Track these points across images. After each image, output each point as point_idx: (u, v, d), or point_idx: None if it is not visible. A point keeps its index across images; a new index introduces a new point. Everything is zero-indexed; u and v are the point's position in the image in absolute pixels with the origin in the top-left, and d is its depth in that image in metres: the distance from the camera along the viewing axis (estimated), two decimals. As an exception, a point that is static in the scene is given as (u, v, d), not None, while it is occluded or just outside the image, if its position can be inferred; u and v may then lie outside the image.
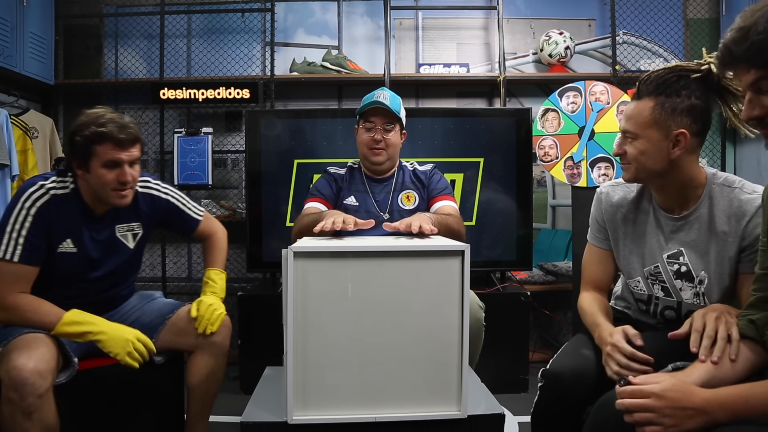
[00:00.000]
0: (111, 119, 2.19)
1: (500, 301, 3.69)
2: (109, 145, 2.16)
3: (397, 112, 2.70)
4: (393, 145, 2.73)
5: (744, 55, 1.36)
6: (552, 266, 4.37)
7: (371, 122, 2.71)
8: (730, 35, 1.38)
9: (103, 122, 2.17)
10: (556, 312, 4.37)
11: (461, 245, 1.84)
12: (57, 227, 2.21)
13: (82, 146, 2.17)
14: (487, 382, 2.19)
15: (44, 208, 2.18)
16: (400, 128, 2.77)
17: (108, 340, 2.13)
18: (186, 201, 2.57)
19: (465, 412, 1.85)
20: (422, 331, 1.83)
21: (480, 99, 4.71)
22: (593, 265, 2.15)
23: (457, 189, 3.92)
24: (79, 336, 2.13)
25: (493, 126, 3.98)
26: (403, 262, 1.82)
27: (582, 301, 2.10)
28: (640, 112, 1.85)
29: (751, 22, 1.34)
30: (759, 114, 1.41)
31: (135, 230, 2.43)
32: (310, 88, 4.62)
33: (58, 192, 2.22)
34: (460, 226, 2.54)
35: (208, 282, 2.52)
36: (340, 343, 1.82)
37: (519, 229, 3.93)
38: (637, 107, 1.86)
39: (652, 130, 1.83)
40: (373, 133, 2.71)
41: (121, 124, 2.19)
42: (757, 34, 1.32)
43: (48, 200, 2.19)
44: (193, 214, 2.58)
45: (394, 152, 2.76)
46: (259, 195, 3.96)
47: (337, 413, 1.83)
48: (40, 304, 2.14)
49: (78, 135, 2.17)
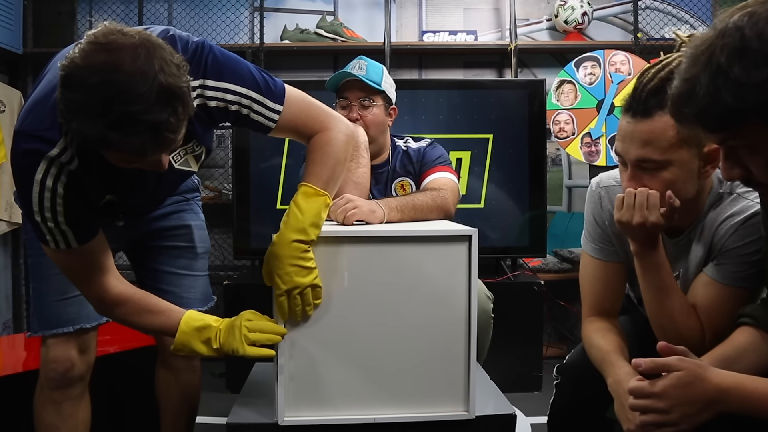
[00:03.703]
0: (142, 116, 1.43)
1: (511, 290, 3.69)
2: (126, 155, 1.54)
3: (377, 84, 2.58)
4: (374, 123, 2.59)
5: (697, 119, 1.25)
6: (568, 253, 4.37)
7: (345, 98, 2.60)
8: (677, 87, 1.26)
9: (124, 121, 1.43)
10: (572, 303, 4.37)
11: (468, 229, 1.82)
12: (92, 191, 1.79)
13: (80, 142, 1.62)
14: (496, 380, 2.19)
15: (71, 186, 1.71)
16: (384, 102, 2.63)
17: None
18: (259, 101, 1.80)
19: (472, 412, 1.84)
20: (425, 324, 1.82)
21: (489, 70, 4.70)
22: (596, 285, 1.91)
23: (464, 168, 3.91)
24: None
25: (503, 99, 3.97)
26: (404, 248, 1.81)
27: (587, 333, 1.86)
28: (663, 132, 1.57)
29: (695, 72, 1.21)
30: (740, 175, 1.31)
31: (195, 151, 1.94)
32: (303, 58, 4.61)
33: (71, 167, 1.69)
34: (444, 202, 2.32)
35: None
36: (335, 336, 1.80)
37: (532, 212, 3.93)
38: (653, 127, 1.58)
39: (682, 151, 1.59)
40: (348, 111, 2.56)
41: (157, 124, 1.45)
42: (703, 96, 1.20)
43: (69, 174, 1.70)
44: (265, 120, 1.83)
45: (377, 132, 2.61)
46: (246, 175, 3.95)
47: (332, 414, 1.82)
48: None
49: (71, 124, 1.47)
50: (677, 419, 1.39)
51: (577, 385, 1.84)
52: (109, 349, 2.72)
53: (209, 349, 1.81)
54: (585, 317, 1.91)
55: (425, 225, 2.01)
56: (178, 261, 2.29)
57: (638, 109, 1.59)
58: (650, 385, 1.42)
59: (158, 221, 2.25)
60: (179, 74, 1.48)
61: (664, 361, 1.43)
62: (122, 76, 1.40)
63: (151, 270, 2.28)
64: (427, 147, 2.69)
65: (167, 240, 2.28)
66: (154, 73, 1.43)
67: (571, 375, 1.85)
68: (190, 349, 1.82)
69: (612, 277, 1.88)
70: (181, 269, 2.29)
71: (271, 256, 1.75)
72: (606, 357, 1.72)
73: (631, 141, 1.61)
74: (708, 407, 1.39)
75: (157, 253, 2.27)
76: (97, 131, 1.43)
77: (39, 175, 1.66)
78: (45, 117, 1.63)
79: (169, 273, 2.28)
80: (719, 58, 1.17)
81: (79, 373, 2.10)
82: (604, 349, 1.74)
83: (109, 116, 1.41)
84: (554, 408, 1.91)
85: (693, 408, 1.39)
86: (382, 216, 2.06)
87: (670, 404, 1.39)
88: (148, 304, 1.89)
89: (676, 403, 1.39)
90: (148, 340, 2.58)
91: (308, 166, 1.85)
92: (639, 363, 1.43)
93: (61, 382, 2.07)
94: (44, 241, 1.76)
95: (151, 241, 2.26)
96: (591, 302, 1.91)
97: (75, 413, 2.12)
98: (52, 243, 1.75)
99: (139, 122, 1.42)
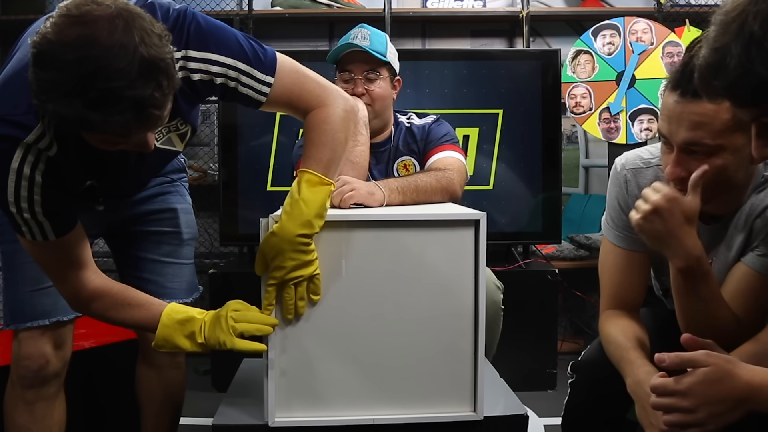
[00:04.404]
0: (124, 92, 1.40)
1: (522, 280, 3.69)
2: (109, 136, 1.53)
3: (382, 55, 2.57)
4: (381, 98, 2.59)
5: (727, 93, 1.24)
6: (584, 238, 4.37)
7: (348, 72, 2.59)
8: (705, 57, 1.25)
9: (105, 99, 1.41)
10: (589, 293, 4.37)
11: (475, 213, 1.81)
12: (70, 179, 1.79)
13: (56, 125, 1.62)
14: (506, 378, 2.19)
15: (50, 173, 1.72)
16: (389, 74, 2.64)
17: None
18: (248, 72, 1.78)
19: (480, 413, 1.84)
20: (429, 317, 1.82)
21: (499, 39, 4.70)
22: (617, 276, 1.89)
23: (471, 146, 3.90)
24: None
25: (514, 71, 3.96)
26: (405, 233, 1.80)
27: (604, 327, 1.86)
28: (716, 115, 1.53)
29: (726, 41, 1.20)
30: None
31: (180, 129, 1.93)
32: (296, 26, 4.61)
33: (50, 153, 1.70)
34: (449, 183, 2.34)
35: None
36: (331, 330, 1.80)
37: (545, 194, 3.93)
38: (705, 109, 1.54)
39: (737, 135, 1.55)
40: (352, 86, 2.56)
41: (141, 100, 1.43)
42: (734, 67, 1.18)
43: (47, 161, 1.71)
44: (255, 94, 1.81)
45: (383, 107, 2.62)
46: (234, 153, 3.94)
47: (327, 414, 1.82)
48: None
49: (47, 106, 1.44)
50: (704, 419, 1.39)
51: (594, 384, 1.84)
52: (86, 343, 2.72)
53: (194, 343, 1.80)
54: (603, 310, 1.90)
55: (429, 208, 2.01)
56: (161, 248, 2.28)
57: (688, 88, 1.54)
58: (675, 382, 1.41)
59: (141, 204, 2.24)
60: (162, 45, 1.46)
61: (690, 356, 1.42)
62: (100, 50, 1.38)
63: (132, 257, 2.27)
64: (433, 124, 2.68)
65: (150, 225, 2.27)
66: (134, 45, 1.40)
67: (588, 373, 1.85)
68: (173, 344, 1.81)
69: (635, 267, 1.86)
70: (165, 257, 2.28)
71: (269, 247, 1.73)
72: (625, 355, 1.71)
73: (679, 122, 1.58)
74: (737, 406, 1.39)
75: (139, 239, 2.27)
76: (76, 112, 1.40)
77: (15, 164, 1.65)
78: (19, 100, 1.61)
79: (151, 261, 2.27)
80: (752, 25, 1.15)
81: (54, 371, 2.10)
82: (623, 346, 1.73)
83: (88, 95, 1.38)
84: (569, 408, 1.91)
85: (721, 407, 1.38)
86: (382, 199, 2.05)
87: (696, 403, 1.39)
88: (126, 298, 1.88)
89: (702, 402, 1.38)
90: (128, 334, 2.58)
91: (306, 147, 1.83)
92: (662, 358, 1.42)
93: (34, 380, 2.07)
94: (20, 232, 1.75)
95: (132, 226, 2.25)
96: (610, 294, 1.90)
97: (49, 414, 2.12)
98: (28, 234, 1.75)
99: (122, 99, 1.40)
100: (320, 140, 1.81)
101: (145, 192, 2.23)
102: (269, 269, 1.74)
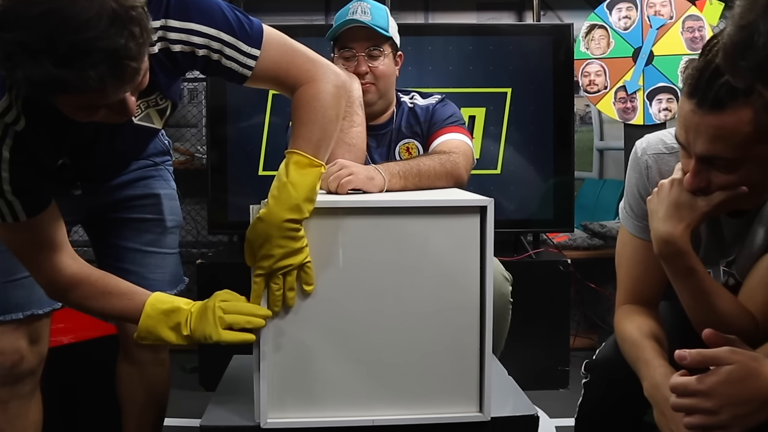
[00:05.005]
0: (95, 44, 1.39)
1: (532, 271, 3.71)
2: (85, 96, 1.49)
3: (385, 30, 2.54)
4: (384, 75, 2.58)
5: (754, 75, 1.23)
6: (599, 227, 4.38)
7: (350, 49, 2.57)
8: (730, 34, 1.23)
9: (76, 53, 1.39)
10: (604, 285, 4.38)
11: (482, 199, 1.80)
12: (43, 155, 1.78)
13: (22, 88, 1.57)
14: (515, 376, 2.19)
15: (19, 149, 1.71)
16: (392, 51, 2.62)
17: None
18: (232, 44, 1.78)
19: (487, 413, 1.84)
20: (433, 310, 1.82)
21: (507, 12, 4.72)
22: (635, 269, 1.88)
23: (478, 127, 3.90)
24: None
25: (523, 47, 3.95)
26: (407, 221, 1.79)
27: (620, 323, 1.84)
28: (736, 128, 1.47)
29: (753, 18, 1.18)
30: None
31: (159, 104, 1.96)
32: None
33: (17, 128, 1.69)
34: (454, 167, 2.33)
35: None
36: (328, 324, 1.80)
37: (557, 178, 3.93)
38: (724, 122, 1.48)
39: (759, 147, 1.50)
40: (354, 64, 2.55)
41: (114, 51, 1.42)
42: (763, 46, 1.17)
43: (15, 137, 1.71)
44: (239, 67, 1.82)
45: (386, 86, 2.61)
46: (223, 135, 3.94)
47: (323, 415, 1.82)
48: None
49: (15, 73, 1.42)
50: (727, 421, 1.38)
51: (611, 384, 1.83)
52: (64, 339, 2.72)
53: (179, 336, 1.79)
54: (619, 305, 1.89)
55: (432, 194, 2.00)
56: (143, 236, 2.27)
57: (705, 99, 1.48)
58: (696, 382, 1.40)
59: (122, 189, 2.23)
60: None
61: (713, 353, 1.41)
62: (64, 2, 1.37)
63: (112, 246, 2.26)
64: (438, 104, 2.67)
65: (132, 211, 2.26)
66: None
67: (603, 373, 1.85)
68: (157, 336, 1.80)
69: (655, 260, 1.79)
70: (148, 246, 2.27)
71: (255, 234, 1.72)
72: (641, 354, 1.69)
73: (697, 134, 1.53)
74: (764, 407, 1.38)
75: (119, 226, 2.26)
76: (47, 72, 1.38)
77: None
78: None
79: (133, 250, 2.26)
80: None
81: (29, 367, 2.09)
82: (639, 345, 1.71)
83: (58, 51, 1.37)
84: (583, 410, 1.90)
85: (746, 408, 1.38)
86: (382, 184, 2.04)
87: (720, 404, 1.38)
88: (107, 286, 1.87)
89: (726, 403, 1.38)
90: (109, 329, 2.58)
91: (295, 127, 1.82)
92: (683, 355, 1.41)
93: (7, 378, 2.06)
94: None
95: (112, 213, 2.24)
96: (627, 288, 1.89)
97: (24, 413, 2.11)
98: None
99: (93, 51, 1.39)
100: (309, 118, 1.80)
101: (126, 176, 2.22)
102: (256, 258, 1.74)
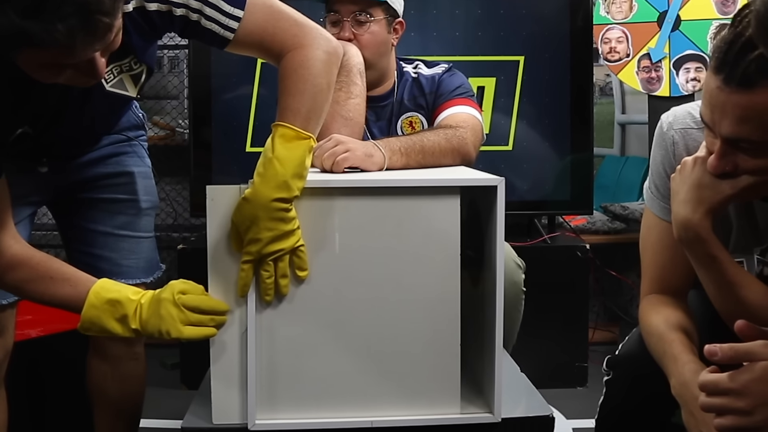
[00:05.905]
0: None
1: (547, 257, 3.73)
2: (51, 53, 1.48)
3: None
4: (373, 44, 2.55)
5: None
6: (621, 208, 4.39)
7: (335, 13, 2.56)
8: (764, 2, 1.22)
9: (44, 3, 1.39)
10: (626, 273, 4.39)
11: (491, 178, 1.80)
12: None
13: None
14: (528, 373, 2.20)
15: None
16: (385, 16, 2.59)
17: None
18: (212, 3, 1.78)
19: (498, 414, 1.84)
20: (437, 300, 1.81)
21: (520, -28, 4.65)
22: (662, 255, 1.87)
23: (487, 99, 3.90)
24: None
25: (537, 11, 3.95)
26: (409, 202, 1.79)
27: (645, 315, 1.84)
28: (766, 107, 1.46)
29: None
30: None
31: (133, 69, 1.93)
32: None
33: None
34: (461, 143, 2.33)
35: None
36: (322, 316, 1.80)
37: (574, 155, 3.93)
38: (754, 101, 1.47)
39: None
40: (338, 30, 2.53)
41: (86, 4, 1.41)
42: None
43: None
44: (220, 29, 1.82)
45: (376, 55, 2.58)
46: (207, 108, 3.93)
47: (316, 415, 1.82)
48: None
49: None
50: (762, 422, 1.38)
51: (635, 382, 1.83)
52: (32, 332, 2.74)
53: (125, 328, 1.79)
54: (644, 294, 1.89)
55: (437, 173, 2.00)
56: (116, 218, 2.27)
57: (733, 75, 1.47)
58: (728, 379, 1.40)
59: (91, 167, 2.22)
60: None
61: (747, 348, 1.40)
62: None
63: (81, 229, 2.26)
64: (444, 74, 2.67)
65: (103, 191, 2.25)
66: None
67: (626, 369, 1.84)
68: (101, 327, 1.80)
69: None
70: (120, 229, 2.27)
71: (241, 217, 1.72)
72: (668, 349, 1.68)
73: (723, 114, 1.52)
74: None
75: (89, 207, 2.25)
76: (10, 23, 1.37)
77: None
78: None
79: (104, 234, 2.26)
80: None
81: None
82: (666, 339, 1.71)
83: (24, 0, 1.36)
84: (604, 411, 1.90)
85: None
86: (382, 161, 2.04)
87: (754, 403, 1.37)
88: (49, 270, 1.86)
89: (760, 402, 1.37)
90: (80, 322, 2.59)
91: (281, 97, 1.81)
92: (714, 350, 1.40)
93: None
94: None
95: (81, 193, 2.24)
96: (653, 276, 1.88)
97: None
98: None
99: (63, 3, 1.38)
100: (297, 88, 1.79)
101: (97, 152, 2.21)
102: (243, 243, 1.73)
